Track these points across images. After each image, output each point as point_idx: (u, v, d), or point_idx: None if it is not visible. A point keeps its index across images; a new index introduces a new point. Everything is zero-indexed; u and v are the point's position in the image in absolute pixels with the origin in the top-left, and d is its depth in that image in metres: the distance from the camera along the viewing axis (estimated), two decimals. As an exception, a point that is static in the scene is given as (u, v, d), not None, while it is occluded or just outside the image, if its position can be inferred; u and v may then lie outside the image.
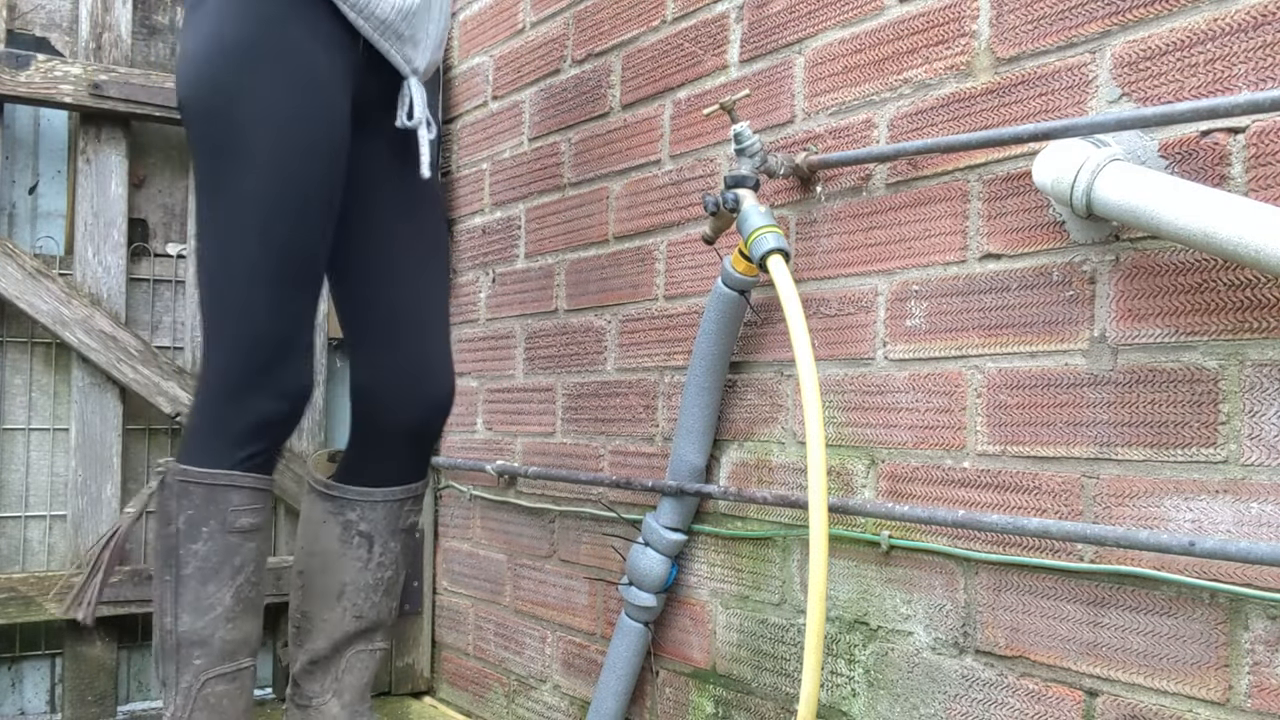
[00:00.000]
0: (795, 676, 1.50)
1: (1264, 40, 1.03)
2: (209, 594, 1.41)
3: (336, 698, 1.59)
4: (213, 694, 1.43)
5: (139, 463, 2.19)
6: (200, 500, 1.41)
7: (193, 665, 1.42)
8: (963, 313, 1.29)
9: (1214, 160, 1.06)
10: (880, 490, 1.39)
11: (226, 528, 1.42)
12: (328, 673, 1.62)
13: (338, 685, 1.59)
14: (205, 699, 1.42)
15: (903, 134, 1.37)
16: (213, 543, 1.41)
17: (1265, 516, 1.02)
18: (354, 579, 1.60)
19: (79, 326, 2.05)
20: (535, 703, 2.02)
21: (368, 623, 1.60)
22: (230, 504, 1.42)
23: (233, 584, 1.43)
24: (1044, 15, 1.22)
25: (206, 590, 1.41)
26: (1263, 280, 1.02)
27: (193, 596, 1.41)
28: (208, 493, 1.41)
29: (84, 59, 2.09)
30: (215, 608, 1.41)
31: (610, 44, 1.88)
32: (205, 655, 1.42)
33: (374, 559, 1.62)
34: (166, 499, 1.43)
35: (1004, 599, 1.24)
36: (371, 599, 1.61)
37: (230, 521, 1.42)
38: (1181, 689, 1.08)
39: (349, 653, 1.62)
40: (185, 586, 1.41)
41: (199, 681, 1.42)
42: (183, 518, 1.41)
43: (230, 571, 1.42)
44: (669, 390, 1.73)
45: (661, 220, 1.76)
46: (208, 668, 1.42)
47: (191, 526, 1.41)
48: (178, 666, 1.42)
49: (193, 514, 1.41)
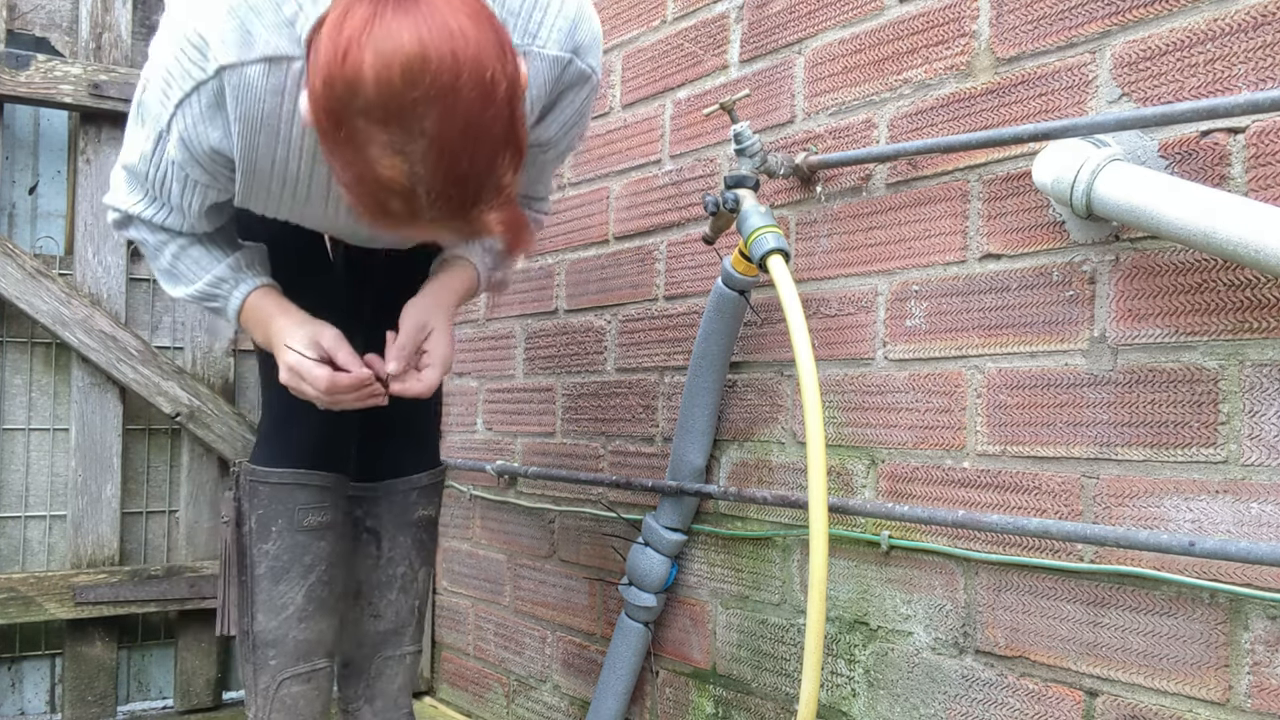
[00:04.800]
0: (795, 676, 1.50)
1: (1264, 40, 1.03)
2: (281, 594, 1.42)
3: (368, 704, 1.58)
4: (289, 695, 1.43)
5: (139, 463, 2.19)
6: (268, 499, 1.42)
7: (269, 666, 1.43)
8: (963, 313, 1.29)
9: (1214, 160, 1.06)
10: (880, 490, 1.39)
11: (295, 526, 1.43)
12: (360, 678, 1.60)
13: (369, 692, 1.58)
14: (282, 700, 1.43)
15: (903, 134, 1.37)
16: (282, 541, 1.42)
17: (1265, 516, 1.02)
18: (368, 576, 1.58)
19: (79, 326, 2.04)
20: (535, 703, 2.02)
21: (388, 623, 1.58)
22: (298, 502, 1.43)
23: (304, 583, 1.43)
24: (1044, 15, 1.22)
25: (279, 590, 1.42)
26: (1263, 280, 1.02)
27: (265, 596, 1.42)
28: (274, 491, 1.42)
29: (84, 59, 2.09)
30: (288, 607, 1.42)
31: (610, 44, 1.87)
32: (280, 656, 1.43)
33: (383, 554, 1.59)
34: (239, 499, 1.44)
35: (1004, 599, 1.24)
36: (387, 597, 1.58)
37: (298, 519, 1.43)
38: (1181, 689, 1.08)
39: (377, 659, 1.59)
40: (259, 586, 1.42)
41: (275, 682, 1.43)
42: (254, 517, 1.43)
43: (301, 570, 1.43)
44: (669, 390, 1.73)
45: (661, 220, 1.76)
46: (283, 668, 1.43)
47: (262, 526, 1.42)
48: (255, 668, 1.43)
49: (262, 513, 1.42)
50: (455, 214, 1.01)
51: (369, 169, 0.97)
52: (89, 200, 2.11)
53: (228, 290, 1.36)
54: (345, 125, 0.96)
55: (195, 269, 1.36)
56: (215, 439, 2.17)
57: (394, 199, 0.99)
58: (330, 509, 1.46)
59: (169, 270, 1.37)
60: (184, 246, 1.35)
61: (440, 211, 1.00)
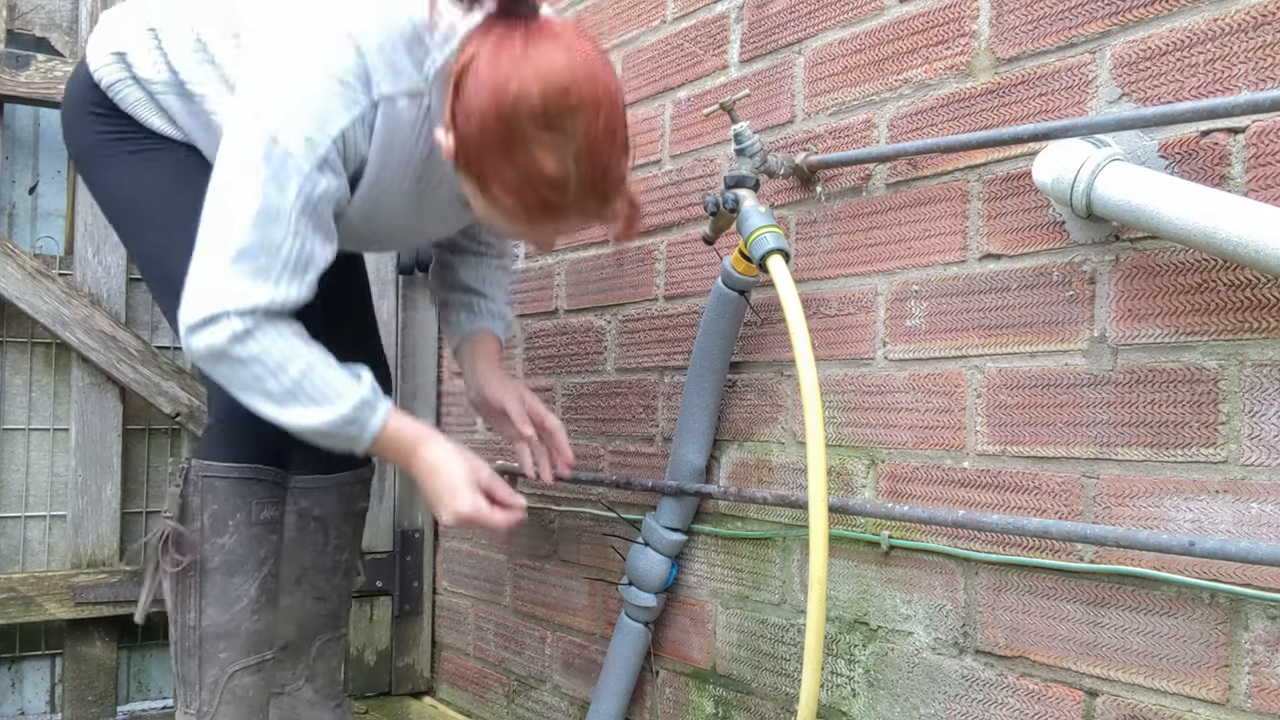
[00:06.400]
0: (795, 676, 1.50)
1: (1264, 40, 1.03)
2: (235, 586, 1.43)
3: (310, 683, 1.63)
4: (239, 686, 1.44)
5: (139, 463, 2.18)
6: (225, 494, 1.43)
7: (218, 659, 1.43)
8: (963, 313, 1.29)
9: (1214, 160, 1.06)
10: (880, 490, 1.39)
11: (251, 520, 1.44)
12: (299, 660, 1.66)
13: (310, 671, 1.64)
14: (232, 691, 1.44)
15: (903, 134, 1.37)
16: (239, 535, 1.43)
17: (1265, 516, 1.02)
18: (314, 562, 1.65)
19: (79, 326, 2.04)
20: (535, 703, 2.02)
21: (330, 606, 1.66)
22: (255, 496, 1.45)
23: (257, 575, 1.45)
24: (1044, 15, 1.22)
25: (233, 583, 1.43)
26: (1263, 280, 1.02)
27: (219, 590, 1.43)
28: (232, 486, 1.43)
29: (84, 59, 2.09)
30: (241, 599, 1.43)
31: (610, 44, 1.88)
32: (231, 648, 1.44)
33: (330, 542, 1.67)
34: (189, 495, 1.44)
35: (1004, 599, 1.24)
36: (331, 580, 1.67)
37: (255, 514, 1.45)
38: (1181, 689, 1.08)
39: (318, 641, 1.67)
40: (210, 580, 1.42)
41: (226, 674, 1.44)
42: (207, 513, 1.43)
43: (255, 563, 1.45)
44: (669, 390, 1.73)
45: (661, 220, 1.76)
46: (233, 660, 1.44)
47: (217, 520, 1.43)
48: (201, 662, 1.43)
49: (217, 508, 1.43)
50: (598, 202, 1.21)
51: (534, 166, 1.16)
52: (89, 200, 2.10)
53: (367, 415, 1.33)
54: (514, 131, 1.15)
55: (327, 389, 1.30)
56: (215, 439, 2.17)
57: (552, 192, 1.18)
58: (279, 503, 1.50)
59: (292, 390, 1.28)
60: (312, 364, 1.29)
61: (589, 201, 1.20)
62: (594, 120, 1.16)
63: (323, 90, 1.23)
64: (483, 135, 1.17)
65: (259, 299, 1.24)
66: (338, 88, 1.23)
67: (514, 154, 1.16)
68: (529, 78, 1.14)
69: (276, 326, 1.26)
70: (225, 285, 1.23)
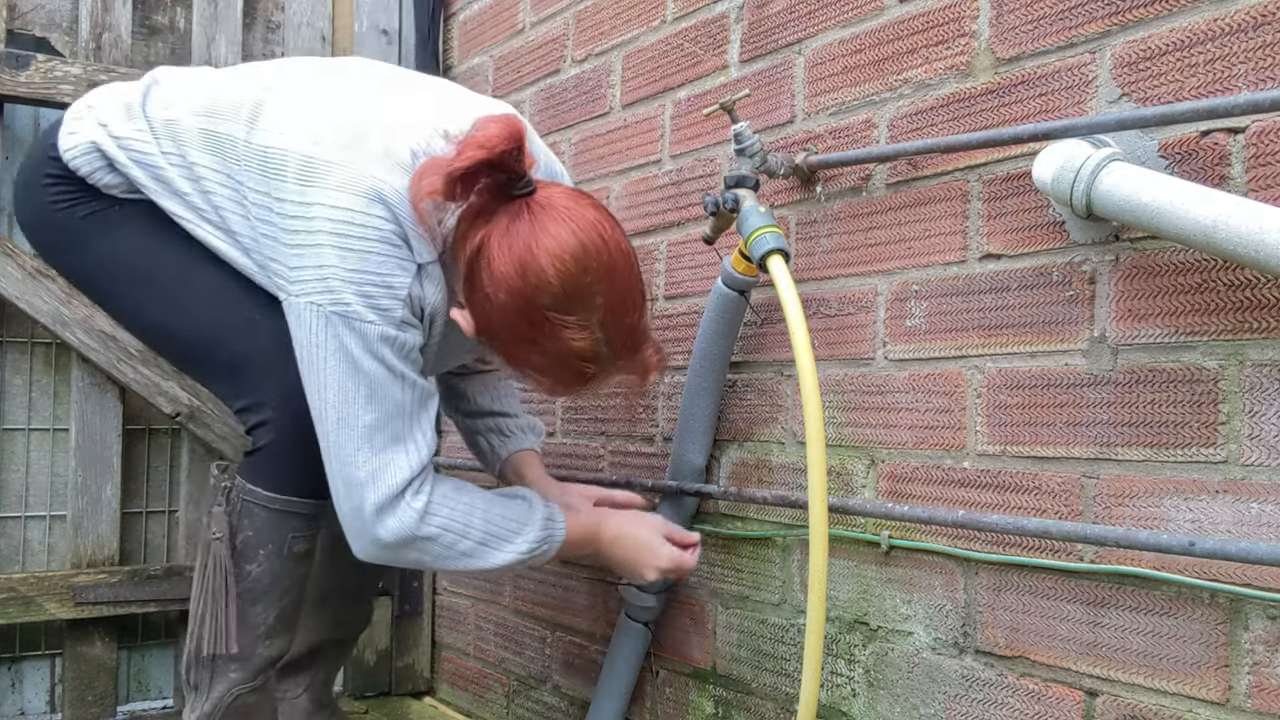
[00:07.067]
0: (795, 676, 1.50)
1: (1264, 40, 1.03)
2: (254, 614, 1.41)
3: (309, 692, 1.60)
4: (243, 705, 1.43)
5: (139, 463, 2.18)
6: (262, 522, 1.40)
7: (228, 678, 1.42)
8: (963, 313, 1.29)
9: (1214, 160, 1.06)
10: (880, 490, 1.39)
11: (283, 554, 1.41)
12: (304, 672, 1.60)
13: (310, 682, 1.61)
14: (235, 709, 1.43)
15: (903, 134, 1.37)
16: (266, 565, 1.41)
17: (1265, 516, 1.02)
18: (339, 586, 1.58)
19: (79, 326, 2.04)
20: (535, 703, 2.02)
21: (346, 629, 1.60)
22: (291, 529, 1.41)
23: (278, 605, 1.42)
24: (1044, 15, 1.22)
25: (254, 611, 1.41)
26: (1263, 280, 1.02)
27: (239, 616, 1.41)
28: (271, 517, 1.40)
29: (84, 59, 2.09)
30: (259, 628, 1.41)
31: (610, 44, 1.88)
32: (242, 669, 1.42)
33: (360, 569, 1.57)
34: (231, 514, 1.41)
35: (1004, 599, 1.24)
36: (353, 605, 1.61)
37: (288, 548, 1.41)
38: (1181, 689, 1.08)
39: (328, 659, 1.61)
40: (232, 605, 1.41)
41: (231, 695, 1.42)
42: (240, 537, 1.41)
43: (278, 594, 1.42)
44: (669, 390, 1.73)
45: (661, 220, 1.76)
46: (244, 681, 1.43)
47: (248, 547, 1.40)
48: (212, 676, 1.42)
49: (251, 535, 1.40)
50: (630, 358, 1.25)
51: (565, 348, 1.20)
52: (89, 200, 2.10)
53: (553, 527, 1.39)
54: (538, 320, 1.19)
55: (508, 523, 1.35)
56: (215, 439, 2.17)
57: (588, 364, 1.22)
58: (313, 536, 1.45)
59: (483, 541, 1.34)
60: (483, 506, 1.34)
61: (620, 360, 1.24)
62: (612, 285, 1.20)
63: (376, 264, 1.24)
64: (507, 326, 1.21)
65: (414, 461, 1.29)
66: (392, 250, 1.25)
67: (541, 341, 1.20)
68: (544, 264, 1.16)
69: (439, 488, 1.32)
70: (379, 466, 1.27)
